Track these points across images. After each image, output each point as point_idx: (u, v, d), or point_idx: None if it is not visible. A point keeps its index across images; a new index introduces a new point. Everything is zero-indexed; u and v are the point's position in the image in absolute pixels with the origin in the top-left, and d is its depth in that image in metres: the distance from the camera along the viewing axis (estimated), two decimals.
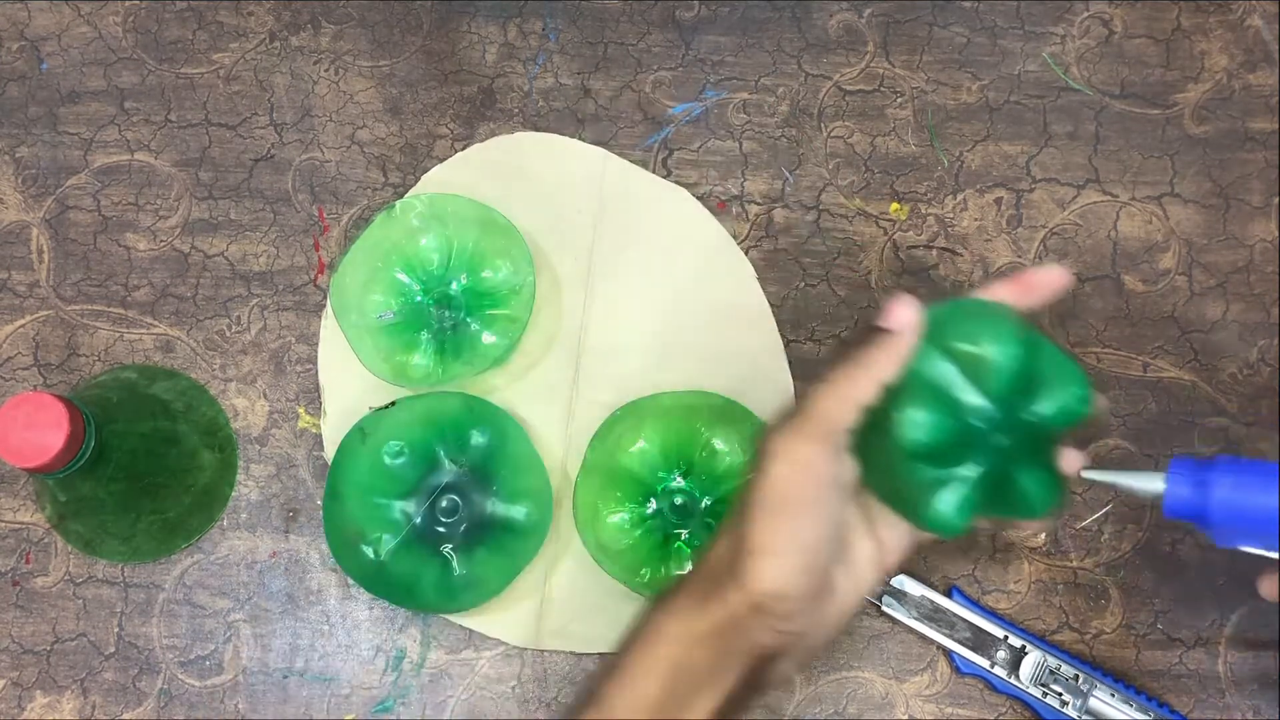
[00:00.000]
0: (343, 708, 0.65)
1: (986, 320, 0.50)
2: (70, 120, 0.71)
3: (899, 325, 0.49)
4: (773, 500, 0.48)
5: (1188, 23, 0.72)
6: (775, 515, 0.48)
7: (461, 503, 0.65)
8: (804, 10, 0.73)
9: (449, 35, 0.72)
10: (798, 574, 0.48)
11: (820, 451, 0.48)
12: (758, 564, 0.48)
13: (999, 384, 0.50)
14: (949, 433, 0.49)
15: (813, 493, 0.48)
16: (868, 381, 0.49)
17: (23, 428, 0.55)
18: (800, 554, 0.48)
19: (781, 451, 0.49)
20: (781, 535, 0.48)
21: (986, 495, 0.50)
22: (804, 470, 0.48)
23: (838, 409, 0.49)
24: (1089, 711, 0.63)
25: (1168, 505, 0.49)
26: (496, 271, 0.67)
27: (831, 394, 0.49)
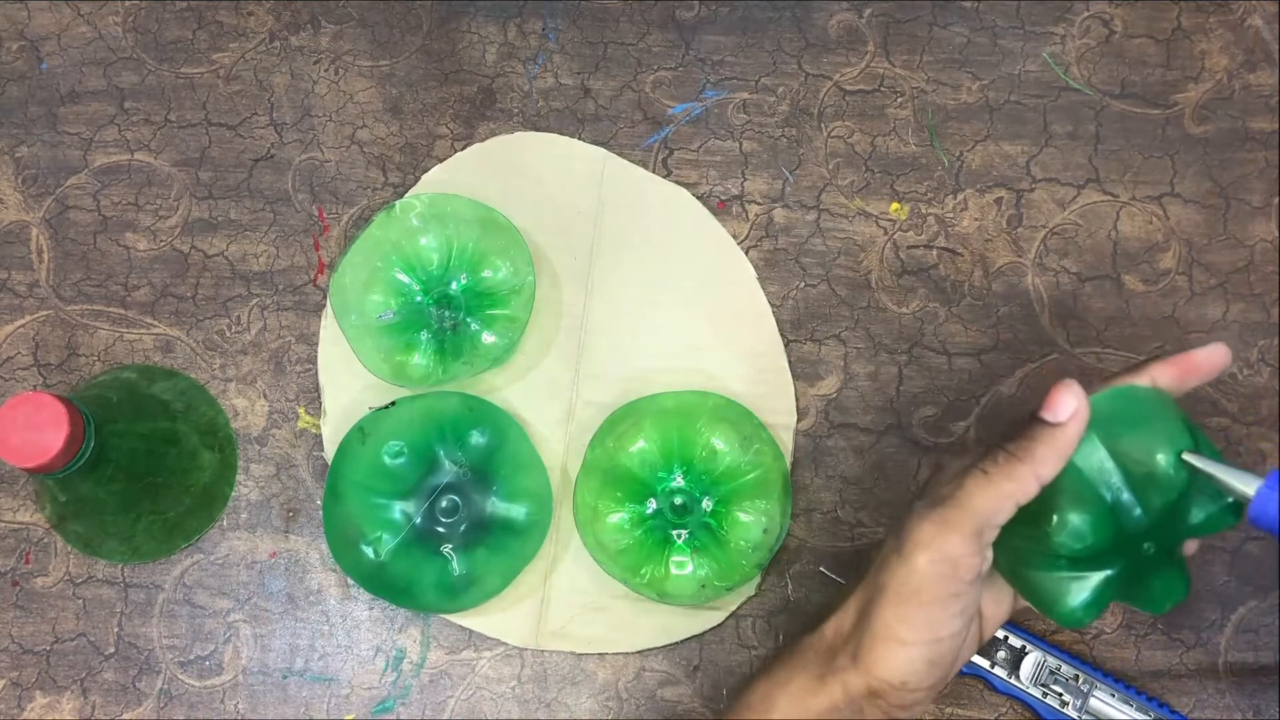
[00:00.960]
0: (343, 708, 0.65)
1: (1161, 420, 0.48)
2: (70, 120, 0.71)
3: (1064, 418, 0.47)
4: (911, 590, 0.47)
5: (1188, 23, 0.72)
6: (910, 605, 0.47)
7: (461, 503, 0.65)
8: (804, 10, 0.73)
9: (449, 35, 0.72)
10: (924, 665, 0.47)
11: (969, 549, 0.47)
12: (884, 650, 0.47)
13: (1164, 496, 0.48)
14: (1104, 541, 0.48)
15: (954, 588, 0.47)
16: (1028, 479, 0.47)
17: (23, 428, 0.55)
18: (930, 646, 0.47)
19: (926, 541, 0.47)
20: (915, 626, 0.47)
21: (1118, 592, 0.49)
22: (951, 566, 0.47)
23: (993, 505, 0.47)
24: (1089, 711, 0.63)
25: (1251, 512, 0.48)
26: (496, 271, 0.67)
27: (988, 488, 0.47)
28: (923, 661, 0.47)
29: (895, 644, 0.47)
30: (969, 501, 0.47)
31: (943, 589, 0.47)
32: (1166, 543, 0.49)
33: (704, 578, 0.64)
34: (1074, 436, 0.47)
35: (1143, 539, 0.49)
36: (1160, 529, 0.49)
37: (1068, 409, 0.47)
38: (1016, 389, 0.68)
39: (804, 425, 0.68)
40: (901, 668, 0.47)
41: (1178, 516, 0.49)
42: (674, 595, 0.64)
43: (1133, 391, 0.50)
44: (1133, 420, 0.49)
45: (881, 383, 0.68)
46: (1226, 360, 0.50)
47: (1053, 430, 0.47)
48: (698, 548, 0.65)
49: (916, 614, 0.47)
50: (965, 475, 0.48)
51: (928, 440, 0.68)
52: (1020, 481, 0.47)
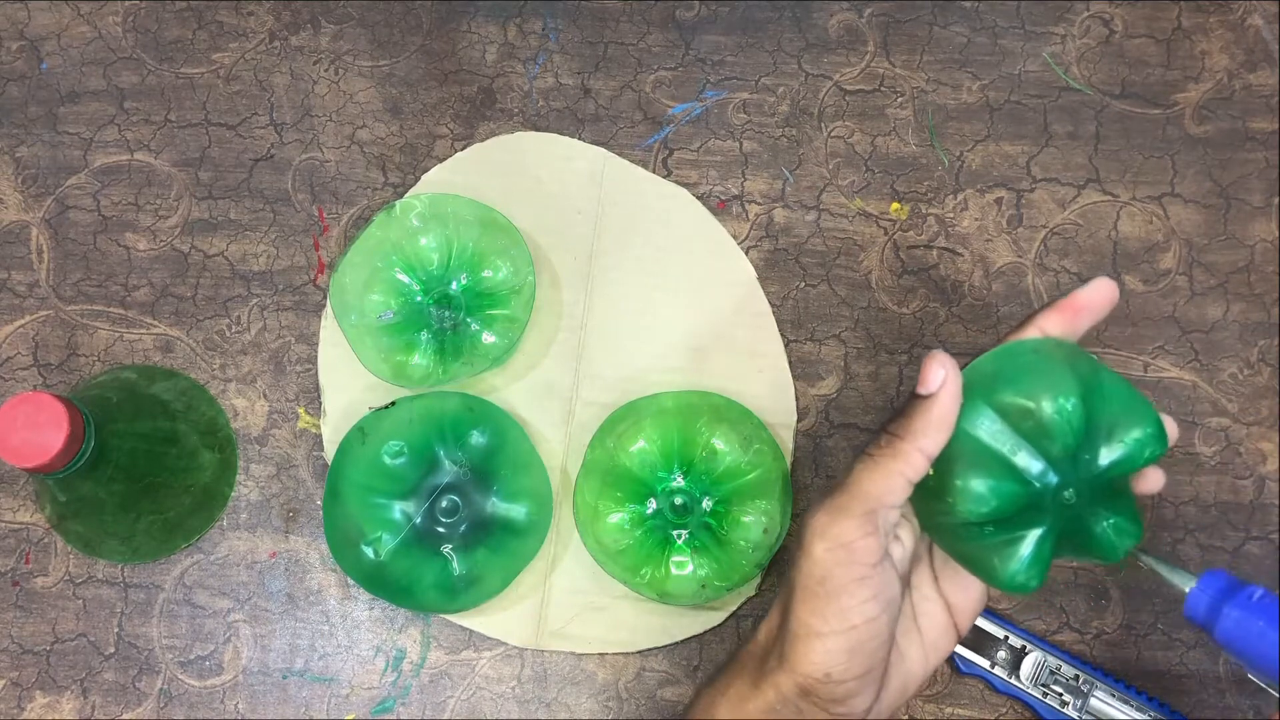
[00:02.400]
0: (343, 708, 0.65)
1: (1040, 370, 0.48)
2: (70, 120, 0.71)
3: (934, 388, 0.46)
4: (815, 581, 0.47)
5: (1188, 23, 0.72)
6: (817, 597, 0.47)
7: (461, 503, 0.65)
8: (804, 10, 0.73)
9: (449, 35, 0.72)
10: (844, 655, 0.47)
11: (862, 531, 0.46)
12: (803, 646, 0.47)
13: (1061, 441, 0.47)
14: (1012, 499, 0.47)
15: (857, 573, 0.46)
16: (913, 454, 0.46)
17: (23, 428, 0.55)
18: (846, 635, 0.47)
19: (821, 530, 0.47)
20: (826, 617, 0.47)
21: (1060, 547, 0.49)
22: (845, 550, 0.46)
23: (882, 486, 0.47)
24: (1089, 711, 0.63)
25: (1185, 611, 0.49)
26: (496, 271, 0.67)
27: (874, 470, 0.47)
28: (841, 651, 0.47)
29: (812, 638, 0.47)
30: (857, 486, 0.47)
31: (845, 575, 0.47)
32: (1091, 489, 0.48)
33: (704, 578, 0.64)
34: (948, 405, 0.46)
35: (1060, 489, 0.47)
36: (1075, 476, 0.47)
37: (936, 379, 0.46)
38: None
39: (804, 425, 0.68)
40: (821, 660, 0.47)
41: (1089, 459, 0.48)
42: (674, 595, 0.64)
43: (1014, 348, 0.49)
44: (1014, 376, 0.48)
45: (881, 383, 0.68)
46: (1112, 294, 0.50)
47: (927, 403, 0.46)
48: (698, 548, 0.65)
49: (825, 605, 0.47)
50: (853, 464, 0.48)
51: None
52: (905, 459, 0.47)
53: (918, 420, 0.47)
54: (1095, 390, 0.47)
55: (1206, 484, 0.67)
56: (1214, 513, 0.67)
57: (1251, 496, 0.67)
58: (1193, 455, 0.68)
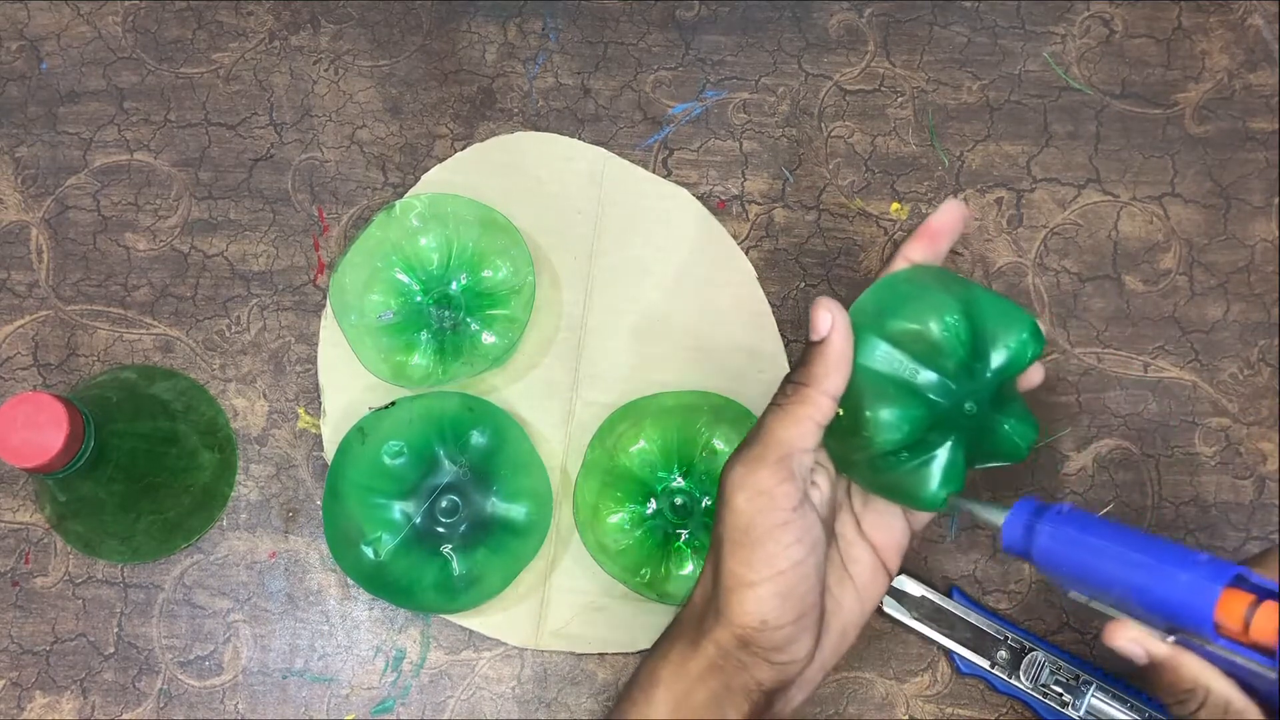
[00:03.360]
0: (343, 708, 0.65)
1: (919, 295, 0.50)
2: (70, 120, 0.71)
3: (825, 332, 0.49)
4: (740, 531, 0.48)
5: (1188, 22, 0.72)
6: (743, 546, 0.48)
7: (461, 503, 0.65)
8: (804, 10, 0.73)
9: (449, 35, 0.72)
10: (776, 600, 0.47)
11: (779, 478, 0.48)
12: (736, 597, 0.48)
13: (953, 356, 0.50)
14: (920, 420, 0.49)
15: (777, 518, 0.48)
16: (818, 398, 0.48)
17: (22, 428, 0.55)
18: (775, 581, 0.47)
19: (739, 482, 0.48)
20: (754, 565, 0.47)
21: (969, 455, 0.51)
22: (764, 498, 0.48)
23: (793, 433, 0.48)
24: (1089, 711, 0.63)
25: (1003, 541, 0.50)
26: (496, 271, 0.67)
27: (784, 418, 0.48)
28: (773, 597, 0.47)
29: (743, 588, 0.47)
30: (770, 435, 0.48)
31: (767, 522, 0.47)
32: (986, 394, 0.51)
33: None
34: (841, 345, 0.49)
35: (961, 401, 0.50)
36: (971, 386, 0.50)
37: (825, 323, 0.48)
38: None
39: None
40: (754, 608, 0.47)
41: (980, 368, 0.50)
42: (674, 595, 0.64)
43: (890, 280, 0.52)
44: (897, 305, 0.50)
45: None
46: (962, 213, 0.52)
47: (821, 347, 0.48)
48: (698, 548, 0.65)
49: (751, 553, 0.47)
50: (763, 415, 0.49)
51: None
52: (811, 403, 0.48)
53: (817, 365, 0.48)
54: (973, 304, 0.50)
55: (1207, 484, 0.67)
56: (1214, 513, 0.67)
57: (1252, 496, 0.67)
58: (1193, 455, 0.68)
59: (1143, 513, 0.67)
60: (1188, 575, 0.44)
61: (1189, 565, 0.45)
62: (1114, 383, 0.68)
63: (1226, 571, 0.44)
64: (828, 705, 0.65)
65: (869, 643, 0.66)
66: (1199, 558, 0.45)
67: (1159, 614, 0.46)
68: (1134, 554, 0.46)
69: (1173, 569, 0.45)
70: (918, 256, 0.53)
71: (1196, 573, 0.44)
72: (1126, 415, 0.68)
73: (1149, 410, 0.68)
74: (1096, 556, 0.47)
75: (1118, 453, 0.68)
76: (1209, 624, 0.44)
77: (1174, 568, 0.45)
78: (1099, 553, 0.47)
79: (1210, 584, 0.44)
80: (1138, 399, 0.68)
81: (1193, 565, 0.44)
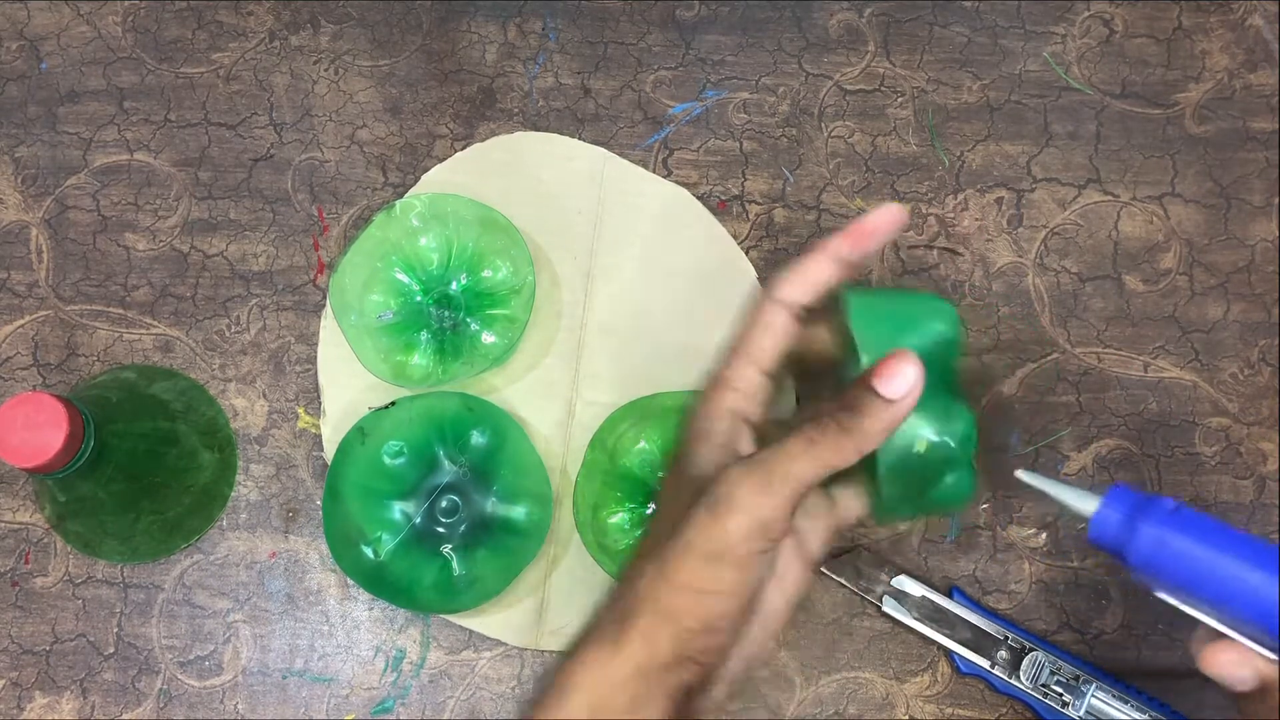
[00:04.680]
0: (342, 708, 0.65)
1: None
2: (69, 120, 0.71)
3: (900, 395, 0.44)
4: (722, 547, 0.45)
5: (1188, 22, 0.72)
6: (719, 563, 0.45)
7: (461, 503, 0.65)
8: (804, 10, 0.73)
9: (449, 35, 0.72)
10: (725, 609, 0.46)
11: (783, 514, 0.45)
12: (684, 598, 0.45)
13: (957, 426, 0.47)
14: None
15: (763, 546, 0.45)
16: (851, 452, 0.45)
17: (22, 428, 0.55)
18: (734, 596, 0.46)
19: (744, 505, 0.45)
20: (721, 581, 0.45)
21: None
22: (763, 529, 0.45)
23: (813, 474, 0.45)
24: (1089, 711, 0.63)
25: (1092, 532, 0.46)
26: (496, 271, 0.67)
27: (813, 457, 0.45)
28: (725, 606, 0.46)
29: (699, 594, 0.45)
30: (791, 468, 0.45)
31: (750, 549, 0.45)
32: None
33: None
34: (905, 413, 0.45)
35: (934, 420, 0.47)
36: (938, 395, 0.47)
37: (906, 385, 0.44)
38: (1017, 389, 0.68)
39: None
40: (703, 613, 0.45)
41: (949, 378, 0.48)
42: None
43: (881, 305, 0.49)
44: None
45: None
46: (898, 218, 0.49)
47: (887, 406, 0.44)
48: None
49: (725, 571, 0.45)
50: (789, 439, 0.46)
51: None
52: (843, 454, 0.45)
53: (870, 421, 0.45)
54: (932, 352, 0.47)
55: (1207, 484, 0.67)
56: (1214, 513, 0.67)
57: (1252, 496, 0.67)
58: (1193, 455, 0.68)
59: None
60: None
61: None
62: (1114, 383, 0.68)
63: None
64: (828, 705, 0.65)
65: (869, 643, 0.66)
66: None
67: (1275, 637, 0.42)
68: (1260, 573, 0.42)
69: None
70: (844, 252, 0.49)
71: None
72: (1126, 415, 0.68)
73: (1149, 410, 0.68)
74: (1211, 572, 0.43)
75: (1118, 453, 0.68)
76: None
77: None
78: (1215, 569, 0.43)
79: None
80: (1138, 399, 0.68)
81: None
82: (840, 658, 0.66)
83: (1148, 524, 0.44)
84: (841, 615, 0.66)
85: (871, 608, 0.66)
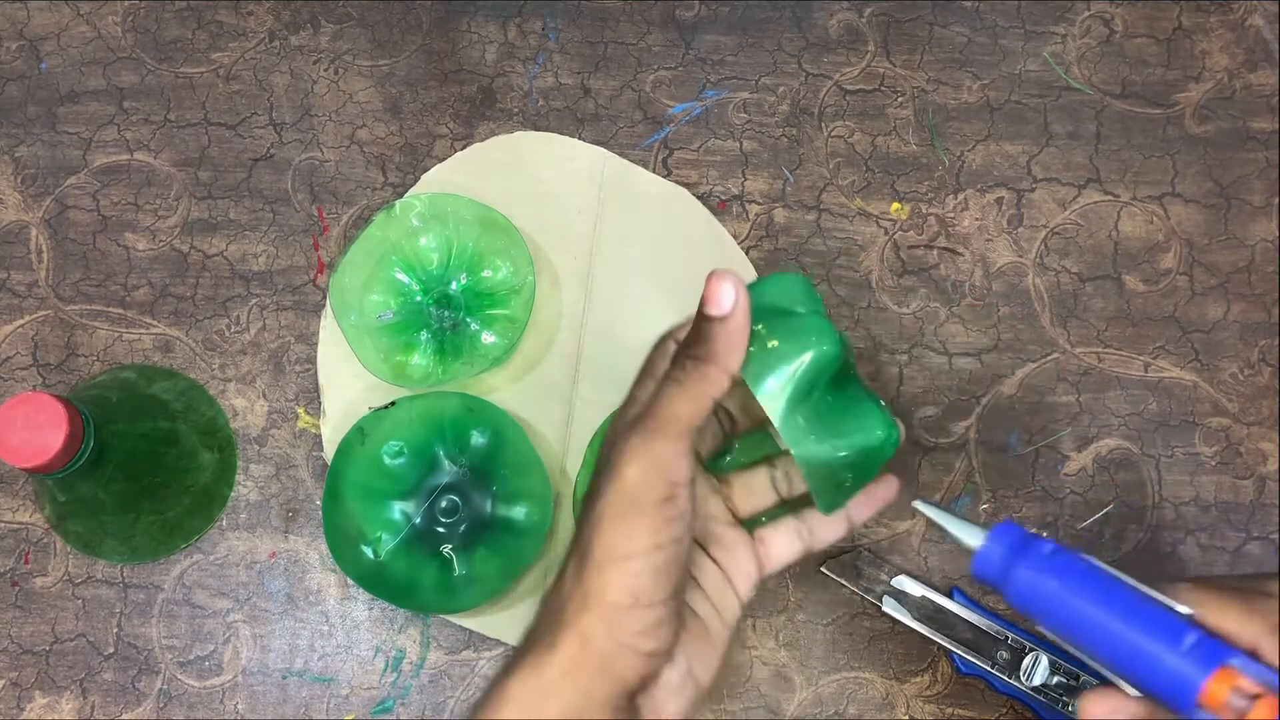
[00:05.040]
0: (342, 708, 0.65)
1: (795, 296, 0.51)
2: (69, 120, 0.71)
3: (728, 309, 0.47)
4: (628, 502, 0.46)
5: (1188, 22, 0.72)
6: (627, 518, 0.45)
7: (461, 503, 0.65)
8: (804, 10, 0.73)
9: (449, 35, 0.72)
10: (650, 576, 0.45)
11: (676, 450, 0.46)
12: (611, 572, 0.45)
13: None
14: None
15: (666, 491, 0.46)
16: (720, 376, 0.47)
17: (22, 428, 0.55)
18: (652, 555, 0.45)
19: (634, 453, 0.46)
20: (635, 537, 0.45)
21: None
22: (658, 470, 0.46)
23: (693, 409, 0.46)
24: None
25: (974, 568, 0.48)
26: (496, 271, 0.67)
27: (684, 394, 0.47)
28: (649, 571, 0.45)
29: (618, 561, 0.45)
30: (669, 410, 0.47)
31: (655, 494, 0.46)
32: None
33: None
34: (744, 323, 0.48)
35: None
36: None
37: (729, 299, 0.48)
38: (1017, 389, 0.68)
39: None
40: (630, 583, 0.45)
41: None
42: None
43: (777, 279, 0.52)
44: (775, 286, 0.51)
45: (882, 383, 0.68)
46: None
47: (724, 323, 0.47)
48: None
49: (635, 525, 0.45)
50: (660, 388, 0.48)
51: (929, 440, 0.68)
52: (712, 381, 0.47)
53: (719, 342, 0.47)
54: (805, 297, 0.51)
55: (1207, 484, 0.67)
56: (1214, 513, 0.67)
57: (1252, 496, 0.67)
58: (1193, 455, 0.68)
59: (1142, 513, 0.67)
60: (1174, 659, 0.42)
61: (1175, 645, 0.43)
62: (1114, 383, 0.68)
63: (1214, 657, 0.42)
64: (828, 705, 0.65)
65: (869, 643, 0.66)
66: (1184, 635, 0.43)
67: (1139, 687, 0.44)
68: (1118, 623, 0.44)
69: (1158, 647, 0.43)
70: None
71: (1182, 657, 0.42)
72: (1126, 415, 0.68)
73: (1149, 410, 0.68)
74: (1077, 616, 0.45)
75: (1118, 453, 0.68)
76: (1190, 708, 0.42)
77: (1160, 645, 0.43)
78: (1080, 614, 0.45)
79: (1198, 670, 0.42)
80: (1138, 399, 0.68)
81: (1178, 646, 0.43)
82: (840, 658, 0.66)
83: (1022, 566, 0.46)
84: (841, 615, 0.66)
85: (871, 608, 0.66)
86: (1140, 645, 0.43)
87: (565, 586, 0.47)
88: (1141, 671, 0.44)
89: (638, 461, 0.46)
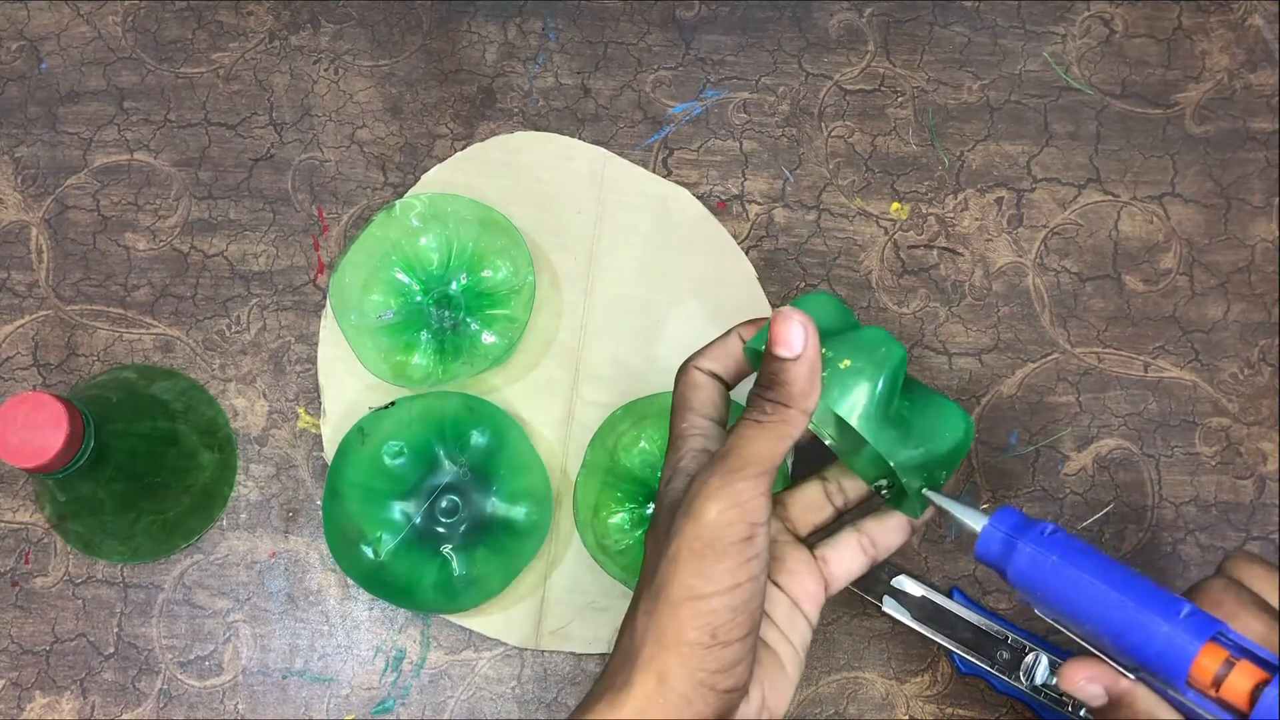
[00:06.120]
0: (342, 708, 0.65)
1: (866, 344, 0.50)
2: (69, 120, 0.71)
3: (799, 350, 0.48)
4: (704, 543, 0.46)
5: (1189, 22, 0.72)
6: (705, 558, 0.46)
7: (461, 503, 0.65)
8: (804, 10, 0.73)
9: (449, 35, 0.72)
10: (729, 614, 0.46)
11: (756, 491, 0.47)
12: (683, 611, 0.46)
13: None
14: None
15: (745, 531, 0.46)
16: (799, 418, 0.48)
17: (22, 428, 0.55)
18: (730, 594, 0.46)
19: (714, 493, 0.46)
20: (713, 578, 0.46)
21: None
22: (737, 511, 0.46)
23: (773, 449, 0.47)
24: (1089, 711, 0.63)
25: (978, 548, 0.49)
26: (496, 271, 0.67)
27: (763, 435, 0.47)
28: (726, 610, 0.46)
29: (695, 601, 0.46)
30: (749, 451, 0.47)
31: (733, 535, 0.46)
32: None
33: None
34: (815, 361, 0.48)
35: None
36: None
37: (799, 340, 0.48)
38: (1017, 389, 0.68)
39: None
40: (707, 622, 0.45)
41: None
42: None
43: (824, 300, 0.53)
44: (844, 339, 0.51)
45: None
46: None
47: (797, 365, 0.48)
48: None
49: (713, 565, 0.46)
50: (738, 428, 0.48)
51: None
52: (793, 422, 0.48)
53: (796, 384, 0.48)
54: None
55: (1207, 484, 0.67)
56: (1214, 513, 0.67)
57: (1252, 496, 0.67)
58: (1193, 455, 0.68)
59: (1143, 513, 0.67)
60: (1169, 628, 0.44)
61: (1171, 616, 0.44)
62: (1114, 383, 0.68)
63: (1208, 628, 0.44)
64: (828, 705, 0.65)
65: (869, 642, 0.66)
66: (1180, 607, 0.44)
67: (1132, 658, 0.45)
68: (1115, 594, 0.45)
69: (1154, 617, 0.44)
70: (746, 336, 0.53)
71: (1177, 625, 0.44)
72: (1126, 415, 0.68)
73: (1149, 410, 0.68)
74: (1076, 589, 0.46)
75: (1118, 453, 0.68)
76: (1183, 677, 0.44)
77: (1155, 616, 0.44)
78: (1079, 586, 0.46)
79: (1191, 639, 0.43)
80: (1138, 399, 0.68)
81: (1174, 617, 0.44)
82: (840, 658, 0.66)
83: (1025, 543, 0.48)
84: (841, 615, 0.66)
85: (871, 608, 0.66)
86: (1136, 615, 0.45)
87: (638, 625, 0.47)
88: (1136, 641, 0.45)
89: (718, 502, 0.46)
